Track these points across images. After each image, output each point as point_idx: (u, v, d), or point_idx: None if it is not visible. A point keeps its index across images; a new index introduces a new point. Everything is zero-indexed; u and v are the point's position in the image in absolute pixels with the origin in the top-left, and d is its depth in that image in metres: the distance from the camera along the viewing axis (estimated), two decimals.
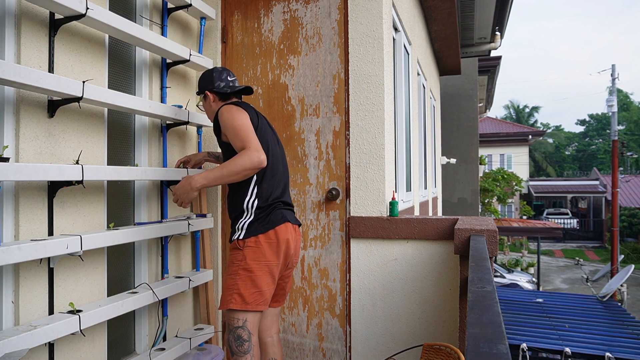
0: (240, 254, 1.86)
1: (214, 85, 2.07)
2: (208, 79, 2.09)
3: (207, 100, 2.10)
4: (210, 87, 2.07)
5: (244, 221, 1.89)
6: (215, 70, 2.10)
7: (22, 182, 1.67)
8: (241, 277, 1.84)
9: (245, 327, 1.84)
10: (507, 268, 11.95)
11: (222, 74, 2.09)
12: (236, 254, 1.88)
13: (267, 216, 1.89)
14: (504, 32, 6.72)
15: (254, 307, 1.84)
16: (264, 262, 1.86)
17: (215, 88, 2.07)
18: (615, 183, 13.50)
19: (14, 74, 1.50)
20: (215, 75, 2.07)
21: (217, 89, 2.06)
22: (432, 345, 1.97)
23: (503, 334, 0.84)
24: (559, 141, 36.75)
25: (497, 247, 2.08)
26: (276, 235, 1.88)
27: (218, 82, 2.07)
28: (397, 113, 3.18)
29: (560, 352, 2.82)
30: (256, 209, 1.89)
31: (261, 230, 1.87)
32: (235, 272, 1.86)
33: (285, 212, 1.95)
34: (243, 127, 1.83)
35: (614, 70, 15.61)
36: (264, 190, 1.90)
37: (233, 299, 1.83)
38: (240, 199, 1.90)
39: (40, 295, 1.73)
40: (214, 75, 2.08)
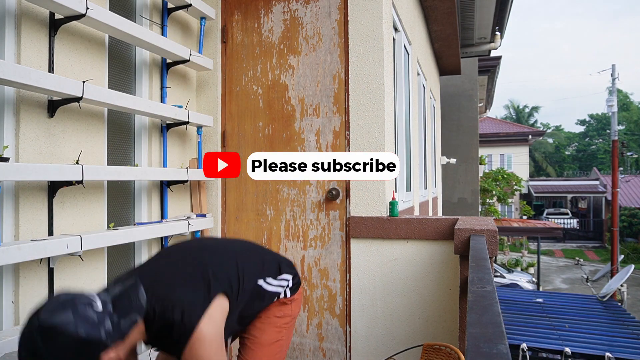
0: (289, 307, 1.62)
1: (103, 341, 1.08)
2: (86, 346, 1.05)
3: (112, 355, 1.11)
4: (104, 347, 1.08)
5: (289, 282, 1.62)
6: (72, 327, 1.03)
7: (22, 182, 1.67)
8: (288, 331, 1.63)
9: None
10: (507, 268, 11.95)
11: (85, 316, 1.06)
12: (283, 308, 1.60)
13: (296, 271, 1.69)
14: (504, 32, 6.72)
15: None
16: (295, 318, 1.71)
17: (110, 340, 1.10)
18: (615, 183, 13.50)
19: (14, 74, 1.50)
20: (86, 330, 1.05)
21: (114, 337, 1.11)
22: (432, 345, 1.97)
23: (503, 334, 0.84)
24: (559, 141, 36.75)
25: (497, 247, 2.08)
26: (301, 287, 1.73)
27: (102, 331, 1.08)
28: (397, 113, 3.18)
29: (560, 352, 2.82)
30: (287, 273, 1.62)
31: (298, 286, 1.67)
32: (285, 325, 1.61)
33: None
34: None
35: (614, 70, 15.60)
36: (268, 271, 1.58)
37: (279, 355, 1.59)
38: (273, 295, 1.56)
39: (40, 295, 1.73)
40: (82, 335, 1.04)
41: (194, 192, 2.73)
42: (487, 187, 13.33)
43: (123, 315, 1.14)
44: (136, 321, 1.19)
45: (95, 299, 1.11)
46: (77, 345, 1.04)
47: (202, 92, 2.82)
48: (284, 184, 2.67)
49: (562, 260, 18.73)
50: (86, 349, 1.06)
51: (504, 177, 14.38)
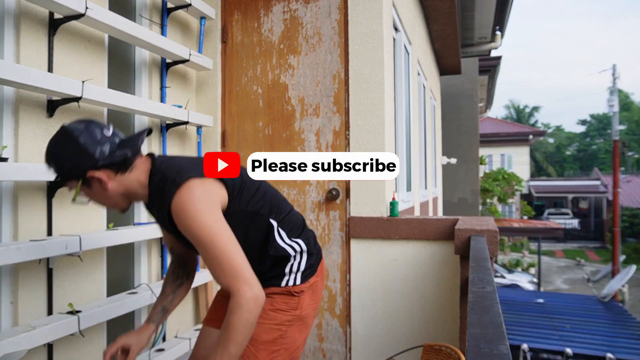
0: (295, 300, 1.41)
1: (96, 158, 1.21)
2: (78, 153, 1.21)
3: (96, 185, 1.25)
4: (92, 163, 1.21)
5: (300, 261, 1.44)
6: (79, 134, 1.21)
7: (21, 182, 1.67)
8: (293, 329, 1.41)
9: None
10: (508, 268, 11.95)
11: (92, 133, 1.22)
12: (288, 301, 1.41)
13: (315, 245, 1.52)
14: (505, 31, 6.72)
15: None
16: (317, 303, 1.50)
17: (100, 161, 1.22)
18: (616, 183, 13.49)
19: (13, 74, 1.50)
20: (85, 141, 1.20)
21: (105, 159, 1.22)
22: (432, 346, 1.96)
23: (504, 335, 0.83)
24: (559, 141, 36.75)
25: (498, 248, 2.08)
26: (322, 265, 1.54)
27: (98, 149, 1.22)
28: (397, 113, 3.17)
29: (561, 352, 2.82)
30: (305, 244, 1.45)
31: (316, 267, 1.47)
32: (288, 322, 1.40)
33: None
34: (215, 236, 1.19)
35: (615, 70, 15.60)
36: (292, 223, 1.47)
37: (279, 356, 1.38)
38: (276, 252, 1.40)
39: (39, 296, 1.73)
40: (81, 142, 1.20)
41: None
42: (488, 187, 13.33)
43: (120, 147, 1.25)
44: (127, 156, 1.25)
45: (109, 127, 1.27)
46: (72, 149, 1.20)
47: (202, 92, 2.81)
48: (284, 184, 2.66)
49: (563, 260, 18.71)
50: (78, 156, 1.20)
51: (505, 177, 14.38)
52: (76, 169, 1.22)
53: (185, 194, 1.22)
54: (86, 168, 1.22)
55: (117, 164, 1.25)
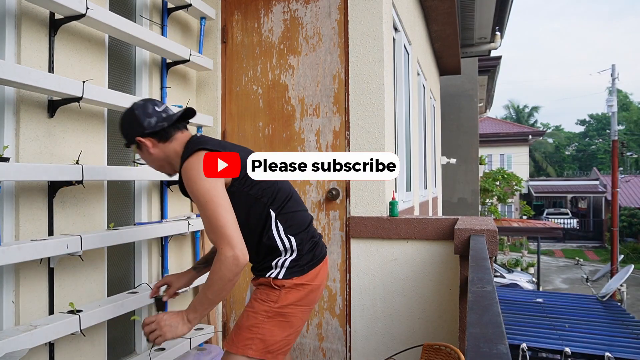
0: (276, 294, 1.51)
1: (144, 127, 1.52)
2: (132, 122, 1.53)
3: (144, 149, 1.55)
4: (141, 131, 1.52)
5: (286, 258, 1.54)
6: (136, 107, 1.54)
7: (22, 182, 1.67)
8: (271, 322, 1.49)
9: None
10: (507, 268, 11.95)
11: (145, 108, 1.54)
12: (269, 293, 1.52)
13: (311, 251, 1.58)
14: (504, 32, 6.72)
15: (272, 357, 1.49)
16: (303, 307, 1.54)
17: (147, 129, 1.52)
18: (615, 183, 13.50)
19: (14, 74, 1.50)
20: (139, 114, 1.53)
21: (150, 129, 1.52)
22: (432, 345, 1.97)
23: (503, 334, 0.84)
24: (559, 141, 36.76)
25: (497, 247, 2.08)
26: (319, 274, 1.59)
27: (147, 120, 1.52)
28: (397, 113, 3.18)
29: (560, 352, 2.82)
30: (297, 244, 1.54)
31: (305, 270, 1.54)
32: (265, 313, 1.49)
33: (321, 241, 1.67)
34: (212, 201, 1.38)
35: (614, 70, 15.61)
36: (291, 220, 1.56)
37: (253, 344, 1.46)
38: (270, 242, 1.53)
39: (40, 295, 1.73)
40: (137, 113, 1.53)
41: None
42: (487, 187, 13.33)
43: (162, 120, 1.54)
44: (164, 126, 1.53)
45: (162, 105, 1.58)
46: (129, 119, 1.54)
47: (202, 92, 2.82)
48: None
49: (562, 260, 18.73)
50: (132, 124, 1.52)
51: (504, 177, 14.38)
52: (130, 135, 1.55)
53: (194, 160, 1.44)
54: (135, 134, 1.53)
55: (159, 133, 1.53)
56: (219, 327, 2.74)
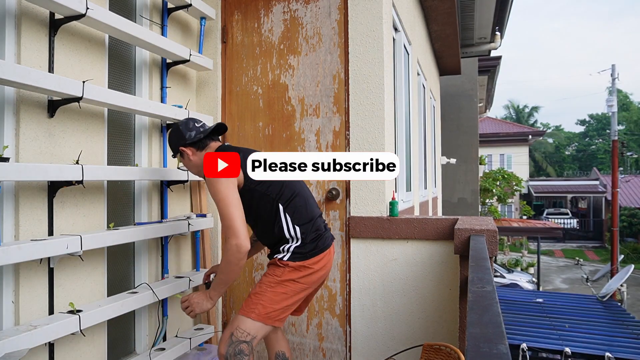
0: (280, 270, 1.82)
1: (186, 139, 1.93)
2: (177, 136, 1.95)
3: (186, 156, 1.96)
4: (183, 142, 1.93)
5: (291, 245, 1.85)
6: (180, 124, 1.97)
7: (22, 182, 1.67)
8: (273, 290, 1.80)
9: (251, 343, 1.78)
10: (507, 268, 11.95)
11: (187, 124, 1.96)
12: (275, 269, 1.84)
13: (314, 241, 1.86)
14: (504, 32, 6.72)
15: (271, 322, 1.81)
16: (301, 285, 1.84)
17: (188, 141, 1.93)
18: (615, 183, 13.50)
19: (14, 74, 1.50)
20: (183, 129, 1.94)
21: (190, 140, 1.92)
22: (432, 345, 1.97)
23: (503, 334, 0.84)
24: (559, 141, 36.76)
25: (497, 247, 2.08)
26: (320, 261, 1.86)
27: (188, 134, 1.93)
28: (397, 113, 3.18)
29: (560, 352, 2.83)
30: (301, 232, 1.85)
31: (307, 257, 1.84)
32: (268, 283, 1.82)
33: (327, 234, 1.94)
34: (222, 201, 1.74)
35: (614, 70, 15.61)
36: (294, 212, 1.86)
37: (256, 309, 1.78)
38: (279, 232, 1.86)
39: (40, 295, 1.73)
40: (180, 129, 1.95)
41: (194, 192, 2.73)
42: (487, 187, 13.33)
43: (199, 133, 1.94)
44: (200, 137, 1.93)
45: (200, 122, 1.98)
46: (174, 133, 1.96)
47: (202, 92, 2.82)
48: None
49: (562, 260, 18.73)
50: (176, 136, 1.95)
51: (504, 177, 14.38)
52: (175, 145, 1.96)
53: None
54: (179, 145, 1.94)
55: (196, 143, 1.94)
56: (219, 327, 2.74)
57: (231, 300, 2.78)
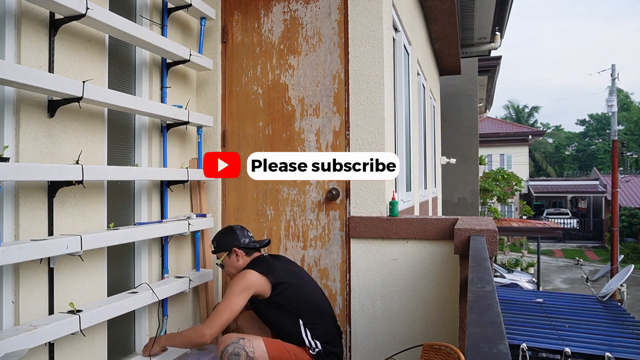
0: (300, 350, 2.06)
1: (241, 242, 2.22)
2: (233, 237, 2.23)
3: (234, 256, 2.22)
4: (237, 244, 2.21)
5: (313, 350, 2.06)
6: (236, 228, 2.26)
7: (22, 182, 1.67)
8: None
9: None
10: (507, 268, 11.95)
11: (243, 231, 2.26)
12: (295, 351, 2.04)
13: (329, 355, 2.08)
14: (504, 32, 6.72)
15: None
16: None
17: (242, 245, 2.22)
18: (615, 183, 13.50)
19: (14, 74, 1.50)
20: (239, 233, 2.24)
21: (244, 245, 2.22)
22: (432, 345, 1.97)
23: (503, 334, 0.84)
24: (558, 141, 36.75)
25: (497, 247, 2.08)
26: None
27: (243, 239, 2.23)
28: (397, 113, 3.18)
29: (560, 352, 2.82)
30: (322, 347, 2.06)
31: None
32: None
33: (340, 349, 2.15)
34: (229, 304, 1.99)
35: (614, 70, 15.61)
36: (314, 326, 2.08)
37: None
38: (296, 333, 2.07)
39: (40, 295, 1.73)
40: (237, 233, 2.24)
41: (194, 192, 2.73)
42: (487, 187, 13.33)
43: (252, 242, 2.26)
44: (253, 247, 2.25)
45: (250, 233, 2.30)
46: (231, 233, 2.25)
47: (202, 92, 2.82)
48: (284, 184, 2.67)
49: (562, 260, 18.73)
50: (232, 237, 2.23)
51: (504, 177, 14.38)
52: (229, 245, 2.23)
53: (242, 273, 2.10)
54: (233, 246, 2.22)
55: (247, 249, 2.24)
56: None
57: None
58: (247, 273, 2.06)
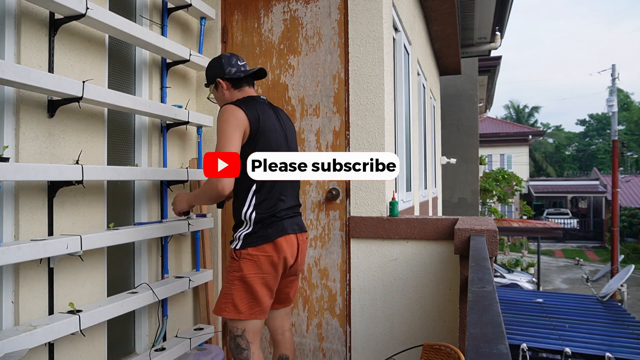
0: (237, 264, 1.83)
1: (225, 72, 1.93)
2: (218, 66, 1.96)
3: (220, 89, 1.97)
4: (222, 75, 1.94)
5: (242, 232, 1.85)
6: (224, 56, 1.96)
7: (22, 182, 1.67)
8: (236, 287, 1.82)
9: (244, 336, 1.83)
10: (507, 268, 11.95)
11: (231, 59, 1.95)
12: (233, 264, 1.85)
13: (265, 228, 1.83)
14: (504, 32, 6.72)
15: (247, 317, 1.82)
16: (260, 275, 1.82)
17: (227, 75, 1.93)
18: (615, 183, 13.50)
19: (13, 74, 1.50)
20: (225, 62, 1.95)
21: (229, 75, 1.93)
22: (432, 345, 1.97)
23: (503, 334, 0.84)
24: (559, 141, 36.74)
25: (497, 247, 2.08)
26: (274, 248, 1.83)
27: (229, 68, 1.94)
28: (397, 113, 3.18)
29: (561, 352, 2.82)
30: (255, 221, 1.83)
31: (257, 243, 1.82)
32: (231, 281, 1.84)
33: (286, 222, 1.88)
34: (224, 137, 1.78)
35: (614, 70, 15.62)
36: (262, 201, 1.84)
37: (227, 308, 1.83)
38: (239, 208, 1.86)
39: (40, 295, 1.73)
40: (223, 61, 1.95)
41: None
42: (488, 187, 13.33)
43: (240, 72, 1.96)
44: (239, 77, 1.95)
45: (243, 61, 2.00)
46: (216, 62, 1.98)
47: (202, 92, 2.82)
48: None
49: (562, 260, 18.73)
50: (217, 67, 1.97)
51: (505, 177, 14.38)
52: (213, 75, 1.98)
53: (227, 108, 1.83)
54: (217, 76, 1.96)
55: (233, 81, 1.96)
56: (219, 327, 2.74)
57: None
58: (228, 107, 1.81)
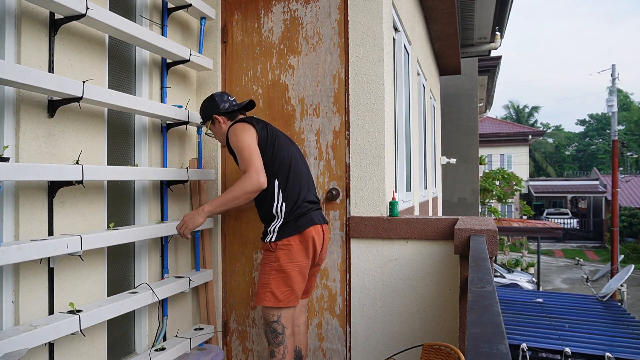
0: (273, 255, 2.02)
1: (220, 108, 2.20)
2: (212, 104, 2.21)
3: (217, 124, 2.22)
4: (217, 111, 2.20)
5: (276, 225, 2.04)
6: (216, 95, 2.23)
7: (22, 182, 1.67)
8: (274, 277, 2.00)
9: (280, 321, 2.02)
10: (507, 268, 11.95)
11: (222, 96, 2.23)
12: (269, 255, 2.04)
13: (297, 219, 2.03)
14: (504, 32, 6.73)
15: (285, 304, 2.01)
16: (296, 263, 2.02)
17: (222, 110, 2.20)
18: (615, 183, 13.50)
19: (14, 74, 1.50)
20: (218, 99, 2.21)
21: (224, 109, 2.20)
22: (432, 345, 1.97)
23: (503, 334, 0.84)
24: (559, 141, 36.75)
25: (497, 247, 2.08)
26: (306, 237, 2.03)
27: (222, 104, 2.20)
28: (397, 113, 3.18)
29: (560, 352, 2.82)
30: (285, 212, 2.04)
31: (291, 233, 2.02)
32: (269, 272, 2.02)
33: (313, 213, 2.09)
34: (246, 148, 1.98)
35: (614, 70, 15.62)
36: (289, 193, 2.05)
37: (267, 297, 2.00)
38: (269, 207, 2.06)
39: (40, 295, 1.73)
40: (216, 99, 2.21)
41: (194, 192, 2.73)
42: (487, 187, 13.33)
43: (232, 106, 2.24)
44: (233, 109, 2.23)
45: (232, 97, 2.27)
46: (210, 101, 2.24)
47: (202, 92, 2.82)
48: None
49: (562, 260, 18.73)
50: (211, 105, 2.22)
51: (504, 177, 14.38)
52: (209, 113, 2.22)
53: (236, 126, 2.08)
54: (214, 112, 2.21)
55: (229, 114, 2.22)
56: (219, 327, 2.74)
57: (231, 300, 2.78)
58: (237, 125, 2.07)
